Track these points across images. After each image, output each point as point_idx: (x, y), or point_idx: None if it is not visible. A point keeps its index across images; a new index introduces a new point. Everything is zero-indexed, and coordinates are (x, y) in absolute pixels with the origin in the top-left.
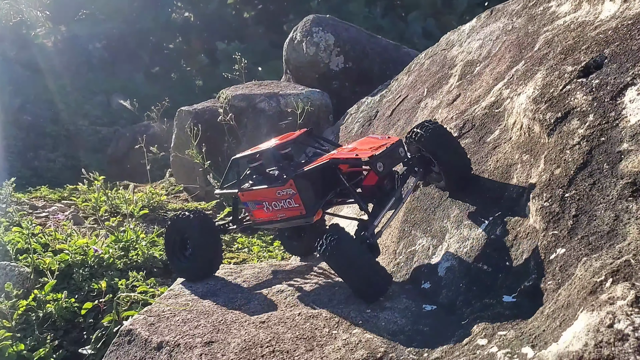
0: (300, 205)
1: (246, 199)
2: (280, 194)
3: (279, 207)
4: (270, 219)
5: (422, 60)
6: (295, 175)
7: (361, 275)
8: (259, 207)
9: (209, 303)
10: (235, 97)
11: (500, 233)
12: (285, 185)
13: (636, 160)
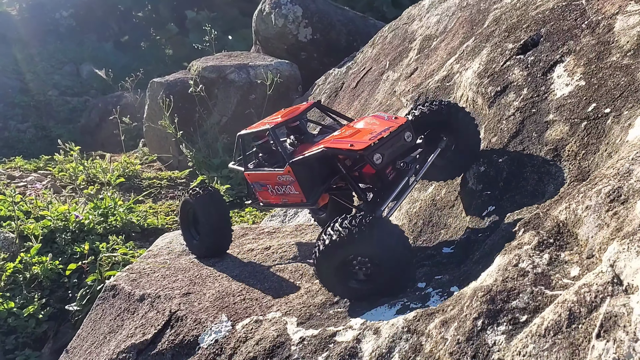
0: (299, 193)
1: (252, 180)
2: (281, 179)
3: (282, 192)
4: (275, 202)
5: (386, 33)
6: (292, 162)
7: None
8: (264, 189)
9: (185, 261)
10: (205, 69)
11: (445, 195)
12: (284, 171)
13: (559, 130)
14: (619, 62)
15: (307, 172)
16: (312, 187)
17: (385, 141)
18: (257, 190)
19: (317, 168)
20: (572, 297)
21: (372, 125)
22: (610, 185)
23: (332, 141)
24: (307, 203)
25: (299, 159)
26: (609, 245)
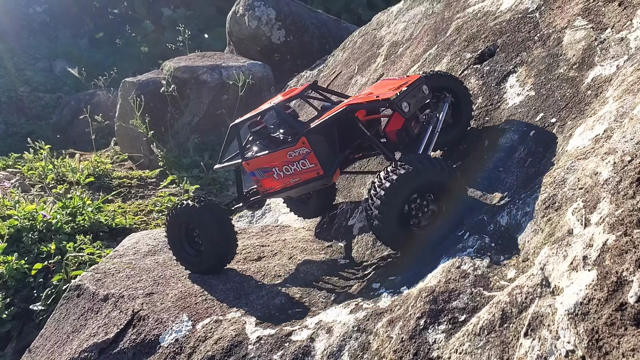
0: (316, 165)
1: (252, 168)
2: (292, 156)
3: (292, 171)
4: (282, 186)
5: (356, 38)
6: (307, 131)
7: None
8: (268, 175)
9: (150, 261)
10: (178, 69)
11: None
12: (296, 145)
13: (509, 137)
14: (566, 74)
15: (323, 141)
16: (329, 156)
17: (408, 92)
18: (259, 178)
19: (334, 136)
20: (505, 298)
21: (388, 84)
22: (546, 193)
23: (353, 101)
24: (323, 176)
25: (315, 126)
26: (541, 250)
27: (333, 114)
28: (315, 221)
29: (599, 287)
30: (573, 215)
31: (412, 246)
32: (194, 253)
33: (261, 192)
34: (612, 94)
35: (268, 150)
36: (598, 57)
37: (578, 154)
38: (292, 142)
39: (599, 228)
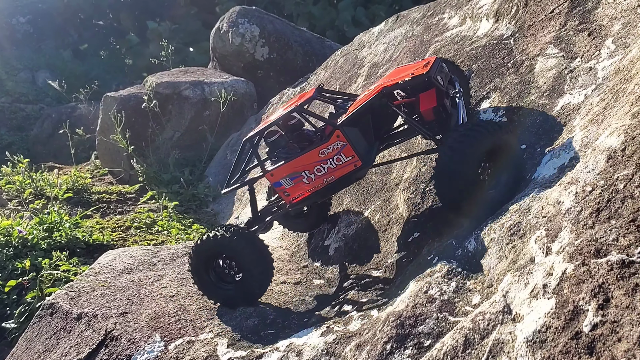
0: (353, 157)
1: (278, 177)
2: (326, 153)
3: (325, 170)
4: (313, 188)
5: (338, 57)
6: (342, 123)
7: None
8: (296, 180)
9: (125, 280)
10: (160, 85)
11: (379, 219)
12: (330, 140)
13: None
14: (537, 101)
15: (358, 131)
16: (366, 146)
17: (436, 67)
18: (285, 187)
19: (368, 125)
20: (468, 324)
21: (405, 69)
22: (512, 220)
23: (385, 84)
24: (361, 167)
25: (349, 117)
26: (504, 277)
27: (367, 100)
28: (293, 240)
29: (557, 316)
30: (536, 244)
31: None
32: (227, 285)
33: (288, 202)
34: (579, 123)
35: (295, 154)
36: (568, 85)
37: (543, 182)
38: (325, 139)
39: (559, 257)
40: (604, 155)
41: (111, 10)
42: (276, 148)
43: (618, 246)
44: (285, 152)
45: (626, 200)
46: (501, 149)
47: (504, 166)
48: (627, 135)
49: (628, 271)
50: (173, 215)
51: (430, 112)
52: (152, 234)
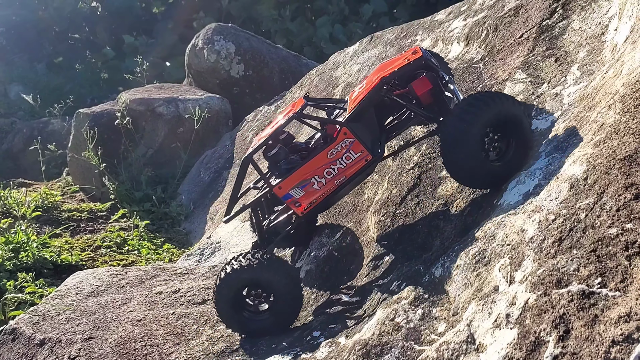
0: (363, 152)
1: (287, 189)
2: (334, 153)
3: (336, 171)
4: (325, 193)
5: (313, 76)
6: (346, 120)
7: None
8: (307, 188)
9: (92, 303)
10: (133, 101)
11: (350, 241)
12: (338, 139)
13: (449, 186)
14: None
15: (363, 124)
16: (372, 138)
17: (426, 52)
18: (296, 198)
19: (372, 117)
20: (433, 354)
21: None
22: (477, 247)
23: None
24: (372, 160)
25: (353, 113)
26: (469, 305)
27: (368, 93)
28: None
29: (519, 347)
30: (500, 272)
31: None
32: (260, 316)
33: (300, 212)
34: (544, 149)
35: (302, 162)
36: (535, 111)
37: (509, 209)
38: (332, 140)
39: (522, 286)
40: (567, 184)
41: (87, 23)
42: (277, 161)
43: (579, 276)
44: (287, 163)
45: (587, 230)
46: (508, 120)
47: (511, 138)
48: (589, 164)
49: (588, 302)
50: (144, 234)
51: (428, 95)
52: (122, 254)
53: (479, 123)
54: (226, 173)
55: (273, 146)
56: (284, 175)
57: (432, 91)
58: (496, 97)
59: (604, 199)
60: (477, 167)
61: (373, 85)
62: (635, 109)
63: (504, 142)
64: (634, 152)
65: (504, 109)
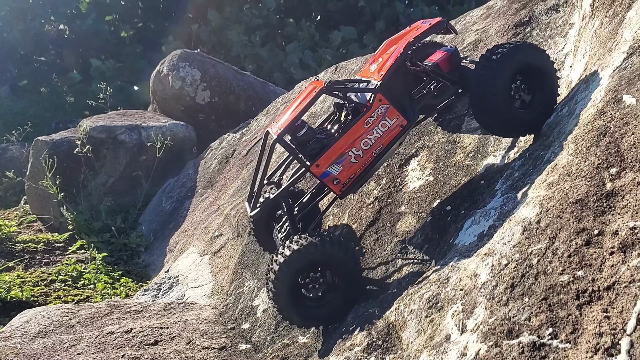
0: (398, 117)
1: (325, 166)
2: (370, 122)
3: (373, 141)
4: (363, 165)
5: (279, 104)
6: (380, 86)
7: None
8: (344, 163)
9: (38, 345)
10: (95, 129)
11: None
12: (373, 106)
13: (408, 222)
14: (462, 161)
15: (396, 89)
16: (406, 103)
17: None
18: (334, 175)
19: (401, 82)
20: None
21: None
22: (431, 291)
23: (408, 38)
24: (408, 125)
25: (384, 79)
26: (421, 354)
27: (396, 58)
28: (222, 298)
29: None
30: (452, 319)
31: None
32: (319, 301)
33: (339, 190)
34: (500, 187)
35: (337, 136)
36: (491, 147)
37: (463, 250)
38: (367, 108)
39: (473, 336)
40: (520, 227)
41: (54, 46)
42: (306, 141)
43: (530, 326)
44: (318, 142)
45: (539, 277)
46: (534, 70)
47: (536, 87)
48: (542, 207)
49: (539, 354)
50: (101, 267)
51: (446, 62)
52: (77, 288)
53: (506, 72)
54: (188, 203)
55: (301, 126)
56: (319, 152)
57: (451, 58)
58: (522, 46)
59: (555, 244)
60: (506, 113)
61: (399, 50)
62: (587, 151)
63: (530, 91)
64: (586, 196)
65: (531, 58)
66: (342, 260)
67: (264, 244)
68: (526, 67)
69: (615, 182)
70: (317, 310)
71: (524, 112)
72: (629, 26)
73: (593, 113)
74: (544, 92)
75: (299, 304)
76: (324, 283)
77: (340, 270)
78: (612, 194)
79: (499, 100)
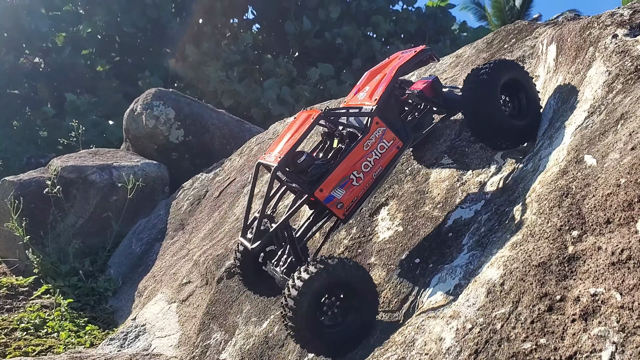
0: (394, 140)
1: (328, 191)
2: (369, 144)
3: (372, 163)
4: (365, 187)
5: (253, 145)
6: (376, 109)
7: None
8: (347, 186)
9: None
10: (65, 169)
11: (277, 332)
12: (371, 129)
13: (377, 274)
14: (431, 212)
15: (389, 113)
16: (399, 125)
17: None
18: (338, 199)
19: (392, 105)
20: None
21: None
22: (396, 354)
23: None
24: (403, 146)
25: (379, 103)
26: None
27: (389, 82)
28: (189, 350)
29: None
30: None
31: None
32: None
33: (343, 213)
34: (467, 242)
35: (338, 159)
36: (459, 198)
37: (429, 310)
38: (365, 131)
39: None
40: (484, 289)
41: (28, 79)
42: (306, 168)
43: None
44: (320, 167)
45: (502, 343)
46: (517, 83)
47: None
48: (506, 269)
49: None
50: (66, 314)
51: (429, 88)
52: (39, 337)
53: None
54: (158, 245)
55: (301, 153)
56: (320, 178)
57: (433, 85)
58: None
59: (519, 309)
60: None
61: (391, 75)
62: (550, 211)
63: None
64: (548, 259)
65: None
66: (359, 280)
67: (249, 284)
68: (511, 80)
69: (577, 245)
70: (338, 335)
71: (517, 120)
72: (589, 84)
73: (556, 172)
74: (529, 101)
75: (320, 330)
76: (342, 306)
77: (356, 291)
78: (574, 258)
79: (493, 108)
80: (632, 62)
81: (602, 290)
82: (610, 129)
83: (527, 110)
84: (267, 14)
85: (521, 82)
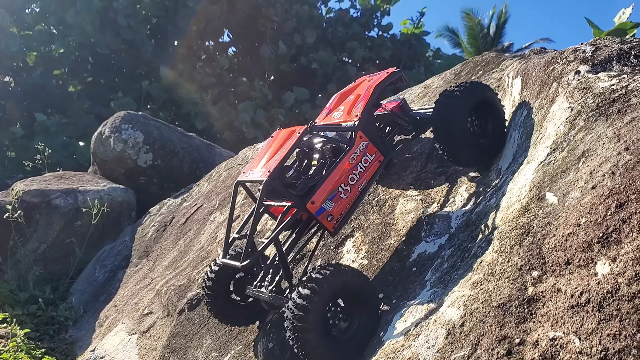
0: (377, 153)
1: (320, 202)
2: (354, 158)
3: (357, 176)
4: (352, 200)
5: (222, 171)
6: (359, 124)
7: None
8: (335, 198)
9: None
10: (27, 192)
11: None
12: (355, 144)
13: None
14: (395, 245)
15: (372, 126)
16: (381, 139)
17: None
18: (329, 211)
19: (372, 121)
20: None
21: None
22: None
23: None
24: (385, 160)
25: (361, 118)
26: None
27: (369, 98)
28: None
29: None
30: None
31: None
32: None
33: (333, 226)
34: (430, 277)
35: (327, 172)
36: (424, 232)
37: (390, 351)
38: (350, 145)
39: None
40: (444, 330)
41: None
42: (295, 182)
43: None
44: (307, 181)
45: None
46: (486, 104)
47: (489, 118)
48: (466, 309)
49: None
50: (22, 345)
51: (398, 108)
52: None
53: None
54: (122, 273)
55: (289, 167)
56: (308, 192)
57: (402, 106)
58: (472, 86)
59: (478, 352)
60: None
61: (369, 93)
62: (511, 250)
63: (483, 122)
64: (508, 300)
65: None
66: (361, 286)
67: (216, 311)
68: (480, 101)
69: (536, 286)
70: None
71: (484, 140)
72: (552, 120)
73: (518, 209)
74: (495, 122)
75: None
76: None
77: (358, 298)
78: (534, 300)
79: (461, 128)
80: (594, 99)
81: (561, 335)
82: (571, 166)
83: (491, 132)
84: (243, 37)
85: (492, 105)
